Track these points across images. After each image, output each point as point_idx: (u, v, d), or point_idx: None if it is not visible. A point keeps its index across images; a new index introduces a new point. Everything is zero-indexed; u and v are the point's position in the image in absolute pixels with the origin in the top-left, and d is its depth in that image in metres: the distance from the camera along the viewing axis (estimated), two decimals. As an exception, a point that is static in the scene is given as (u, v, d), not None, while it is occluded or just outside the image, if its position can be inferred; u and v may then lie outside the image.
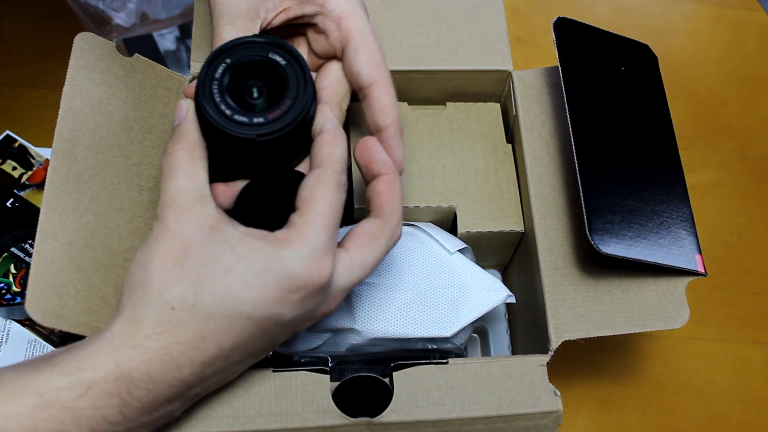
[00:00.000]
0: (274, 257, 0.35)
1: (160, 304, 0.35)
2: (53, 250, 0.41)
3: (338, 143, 0.40)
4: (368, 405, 0.43)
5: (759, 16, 0.84)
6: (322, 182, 0.38)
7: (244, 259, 0.35)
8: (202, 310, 0.35)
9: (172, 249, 0.36)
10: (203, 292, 0.35)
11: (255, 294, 0.35)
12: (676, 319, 0.47)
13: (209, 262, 0.35)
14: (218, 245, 0.36)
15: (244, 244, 0.36)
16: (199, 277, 0.35)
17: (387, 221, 0.40)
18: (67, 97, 0.45)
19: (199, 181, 0.38)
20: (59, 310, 0.40)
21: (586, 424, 0.60)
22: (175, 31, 0.73)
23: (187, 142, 0.39)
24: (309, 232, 0.36)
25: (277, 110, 0.39)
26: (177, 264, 0.35)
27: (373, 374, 0.44)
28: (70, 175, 0.43)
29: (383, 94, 0.44)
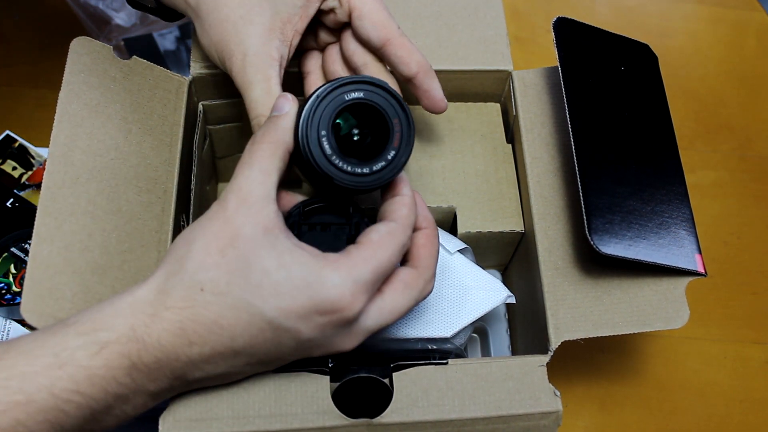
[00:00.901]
0: (316, 274, 0.36)
1: (192, 282, 0.36)
2: (49, 254, 0.41)
3: (413, 210, 0.41)
4: (368, 406, 0.43)
5: (759, 16, 0.84)
6: (393, 236, 0.39)
7: (285, 267, 0.36)
8: (228, 300, 0.35)
9: (220, 235, 0.36)
10: (236, 284, 0.35)
11: (283, 303, 0.35)
12: (676, 319, 0.47)
13: (251, 259, 0.36)
14: (266, 247, 0.36)
15: (291, 254, 0.36)
16: (236, 269, 0.36)
17: (422, 273, 0.40)
18: (63, 102, 0.45)
19: (270, 180, 0.38)
20: (55, 313, 0.40)
21: (586, 424, 0.60)
22: (175, 31, 0.73)
23: (276, 140, 0.39)
24: (360, 266, 0.37)
25: (378, 163, 0.40)
26: (220, 251, 0.36)
27: (372, 375, 0.44)
28: (67, 178, 0.43)
29: (398, 49, 0.46)
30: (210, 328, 0.36)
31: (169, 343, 0.35)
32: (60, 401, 0.34)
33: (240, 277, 0.36)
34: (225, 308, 0.35)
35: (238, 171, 0.38)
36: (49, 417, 0.34)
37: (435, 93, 0.47)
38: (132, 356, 0.35)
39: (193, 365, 0.37)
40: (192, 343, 0.36)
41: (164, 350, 0.35)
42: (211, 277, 0.36)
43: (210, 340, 0.36)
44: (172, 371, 0.37)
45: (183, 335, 0.35)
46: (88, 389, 0.34)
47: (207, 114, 0.55)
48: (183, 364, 0.36)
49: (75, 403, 0.34)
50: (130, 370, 0.35)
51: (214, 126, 0.57)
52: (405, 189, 0.41)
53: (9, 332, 0.58)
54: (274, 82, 0.44)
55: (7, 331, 0.59)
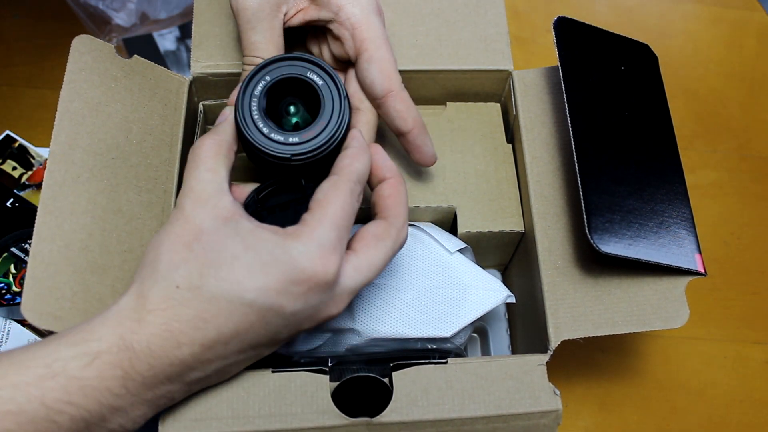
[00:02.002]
0: (281, 248, 0.36)
1: (167, 282, 0.36)
2: (49, 253, 0.41)
3: (359, 158, 0.41)
4: (368, 405, 0.43)
5: (759, 16, 0.84)
6: (337, 187, 0.39)
7: (251, 248, 0.36)
8: (205, 292, 0.36)
9: (183, 233, 0.37)
10: (208, 275, 0.36)
11: (258, 282, 0.36)
12: (675, 318, 0.47)
13: (218, 249, 0.36)
14: (229, 234, 0.37)
15: (254, 235, 0.37)
16: (206, 261, 0.36)
17: (392, 222, 0.41)
18: (65, 100, 0.45)
19: (219, 176, 0.39)
20: (55, 312, 0.40)
21: (586, 424, 0.60)
22: (175, 31, 0.73)
23: (216, 139, 0.41)
24: (318, 228, 0.37)
25: (312, 131, 0.42)
26: (187, 247, 0.36)
27: (372, 374, 0.44)
28: (68, 177, 0.43)
29: (398, 102, 0.46)
30: (194, 324, 0.36)
31: (159, 348, 0.35)
32: (52, 412, 0.34)
33: (211, 268, 0.36)
34: (204, 301, 0.36)
35: (186, 175, 0.39)
36: (41, 428, 0.33)
37: (427, 150, 0.48)
38: (124, 366, 0.35)
39: (188, 367, 0.37)
40: (181, 343, 0.36)
41: (155, 356, 0.35)
42: (184, 273, 0.36)
43: (197, 337, 0.36)
44: (168, 377, 0.36)
45: (171, 337, 0.35)
46: (81, 400, 0.34)
47: (207, 114, 0.55)
48: (177, 368, 0.36)
49: (68, 414, 0.34)
50: (124, 380, 0.35)
51: (214, 126, 0.57)
52: (352, 142, 0.42)
53: (9, 332, 0.58)
54: (277, 33, 0.46)
55: (7, 331, 0.59)
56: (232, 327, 0.36)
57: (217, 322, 0.36)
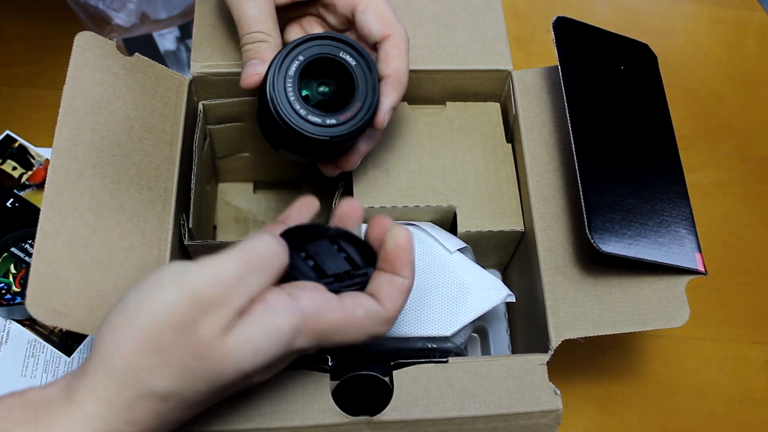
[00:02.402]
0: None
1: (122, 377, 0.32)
2: (54, 249, 0.41)
3: None
4: (368, 403, 0.43)
5: (759, 16, 0.84)
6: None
7: None
8: None
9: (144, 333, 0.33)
10: None
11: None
12: (676, 318, 0.47)
13: None
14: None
15: None
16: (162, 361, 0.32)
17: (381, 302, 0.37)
18: (68, 96, 0.45)
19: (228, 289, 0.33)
20: (59, 308, 0.40)
21: (586, 424, 0.60)
22: (175, 31, 0.73)
23: (249, 251, 0.34)
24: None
25: (348, 112, 0.43)
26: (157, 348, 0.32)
27: (373, 373, 0.44)
28: (71, 173, 0.43)
29: (392, 47, 0.45)
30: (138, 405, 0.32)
31: None
32: None
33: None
34: None
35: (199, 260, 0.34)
36: None
37: (383, 102, 0.45)
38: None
39: None
40: None
41: None
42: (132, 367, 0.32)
43: None
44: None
45: None
46: None
47: (207, 114, 0.55)
48: None
49: None
50: None
51: (214, 126, 0.57)
52: None
53: (9, 332, 0.58)
54: (272, 6, 0.46)
55: (7, 331, 0.59)
56: None
57: None
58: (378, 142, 0.50)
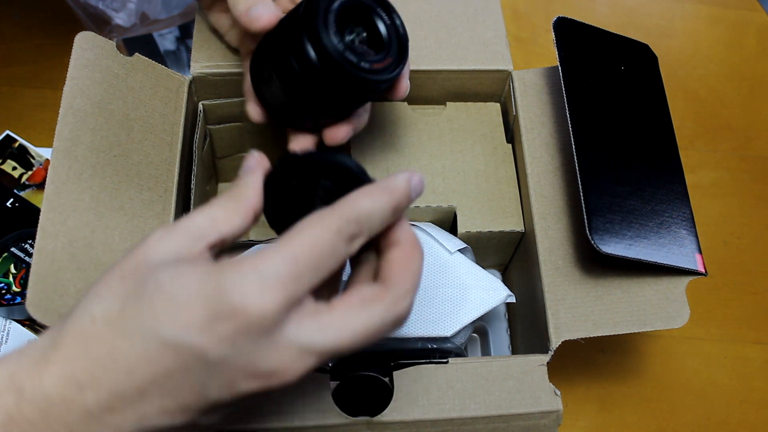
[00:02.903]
0: (213, 278, 0.30)
1: (84, 316, 0.30)
2: (54, 249, 0.41)
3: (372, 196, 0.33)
4: (368, 404, 0.43)
5: (759, 16, 0.84)
6: (320, 219, 0.32)
7: (181, 278, 0.30)
8: (121, 326, 0.29)
9: (127, 264, 0.31)
10: (129, 307, 0.30)
11: (176, 316, 0.29)
12: (676, 318, 0.47)
13: (147, 279, 0.30)
14: (167, 265, 0.31)
15: (192, 266, 0.31)
16: (131, 291, 0.30)
17: (391, 288, 0.33)
18: (68, 96, 0.45)
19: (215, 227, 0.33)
20: (60, 309, 0.40)
21: (586, 424, 0.60)
22: (175, 31, 0.73)
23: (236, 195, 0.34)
24: (269, 259, 0.30)
25: (383, 62, 0.42)
26: (120, 279, 0.31)
27: (373, 373, 0.44)
28: (71, 174, 0.43)
29: None
30: (102, 363, 0.29)
31: (56, 390, 0.29)
32: None
33: (133, 298, 0.30)
34: (118, 336, 0.29)
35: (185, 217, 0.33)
36: None
37: None
38: (9, 409, 0.29)
39: (92, 418, 0.29)
40: (83, 386, 0.29)
41: (49, 399, 0.29)
42: (105, 306, 0.30)
43: (104, 380, 0.29)
44: (68, 428, 0.29)
45: (72, 378, 0.29)
46: None
47: (207, 114, 0.55)
48: (78, 417, 0.29)
49: None
50: (7, 426, 0.29)
51: (214, 126, 0.57)
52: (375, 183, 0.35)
53: (9, 332, 0.58)
54: None
55: (7, 331, 0.59)
56: (147, 370, 0.29)
57: (127, 363, 0.29)
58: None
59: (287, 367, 0.30)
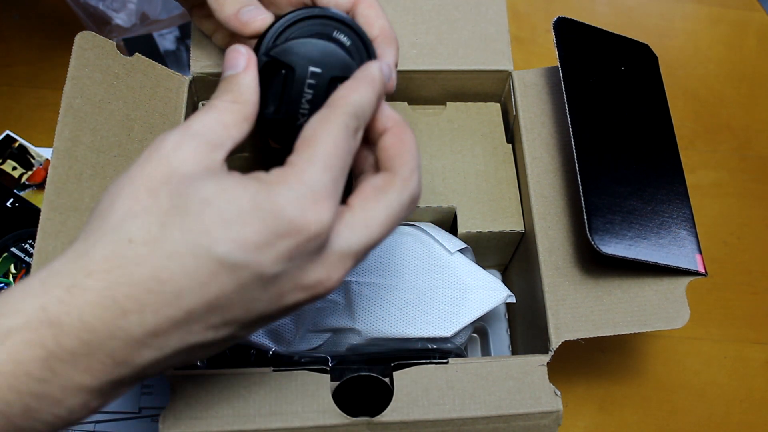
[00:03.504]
0: (264, 194, 0.29)
1: (117, 235, 0.29)
2: (54, 250, 0.41)
3: (359, 89, 0.34)
4: (368, 404, 0.43)
5: (759, 16, 0.84)
6: (328, 121, 0.32)
7: (228, 193, 0.29)
8: (166, 246, 0.28)
9: (153, 176, 0.30)
10: (171, 225, 0.28)
11: (233, 233, 0.28)
12: (676, 319, 0.47)
13: (188, 193, 0.29)
14: (204, 178, 0.30)
15: (234, 180, 0.30)
16: (171, 207, 0.29)
17: (397, 171, 0.34)
18: (68, 96, 0.45)
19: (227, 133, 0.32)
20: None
21: (586, 424, 0.60)
22: (175, 31, 0.73)
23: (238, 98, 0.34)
24: (307, 170, 0.30)
25: None
26: (151, 193, 0.29)
27: (373, 374, 0.44)
28: (71, 174, 0.43)
29: (366, 8, 0.41)
30: (147, 286, 0.28)
31: (96, 318, 0.28)
32: None
33: (176, 215, 0.29)
34: (162, 257, 0.28)
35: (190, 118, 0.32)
36: None
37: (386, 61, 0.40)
38: (47, 343, 0.27)
39: (137, 342, 0.29)
40: (126, 311, 0.28)
41: (90, 328, 0.28)
42: (141, 224, 0.29)
43: (150, 303, 0.28)
44: (110, 355, 0.28)
45: (113, 304, 0.28)
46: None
47: (207, 113, 0.55)
48: (122, 343, 0.28)
49: None
50: (48, 361, 0.28)
51: (215, 125, 0.57)
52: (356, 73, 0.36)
53: (9, 332, 0.58)
54: None
55: (7, 330, 0.59)
56: (198, 291, 0.29)
57: (177, 283, 0.28)
58: None
59: (331, 275, 0.31)
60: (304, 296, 0.31)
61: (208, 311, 0.29)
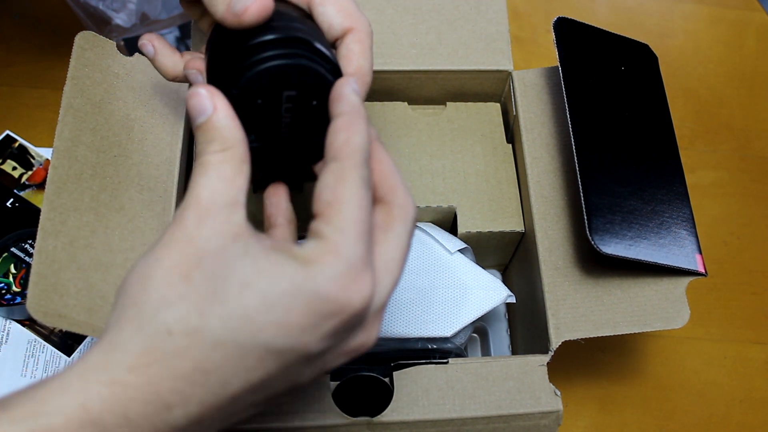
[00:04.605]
0: (304, 274, 0.28)
1: (155, 327, 0.28)
2: (54, 249, 0.41)
3: (356, 129, 0.32)
4: (368, 404, 0.43)
5: (759, 16, 0.84)
6: (344, 180, 0.31)
7: (267, 273, 0.28)
8: (207, 336, 0.28)
9: (182, 259, 0.29)
10: (211, 313, 0.28)
11: (277, 317, 0.28)
12: (676, 319, 0.47)
13: (223, 276, 0.28)
14: (238, 256, 0.29)
15: (268, 259, 0.29)
16: (208, 294, 0.28)
17: (391, 201, 0.33)
18: (68, 96, 0.45)
19: (235, 186, 0.31)
20: (60, 309, 0.40)
21: (586, 424, 0.60)
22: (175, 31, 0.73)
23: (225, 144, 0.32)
24: (342, 244, 0.29)
25: None
26: (185, 278, 0.28)
27: (373, 374, 0.44)
28: (71, 174, 0.43)
29: (354, 42, 0.38)
30: (192, 379, 0.28)
31: (141, 415, 0.27)
32: None
33: (215, 302, 0.28)
34: (205, 348, 0.28)
35: (191, 185, 0.31)
36: None
37: None
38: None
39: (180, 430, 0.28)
40: (171, 405, 0.27)
41: (134, 424, 0.27)
42: (178, 315, 0.28)
43: (195, 395, 0.28)
44: None
45: (157, 399, 0.27)
46: None
47: (207, 113, 0.55)
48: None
49: None
50: None
51: (215, 125, 0.57)
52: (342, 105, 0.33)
53: (9, 332, 0.58)
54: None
55: (7, 331, 0.59)
56: (243, 378, 0.28)
57: (223, 374, 0.28)
58: None
59: (371, 334, 0.32)
60: (346, 359, 0.32)
61: (252, 393, 0.29)
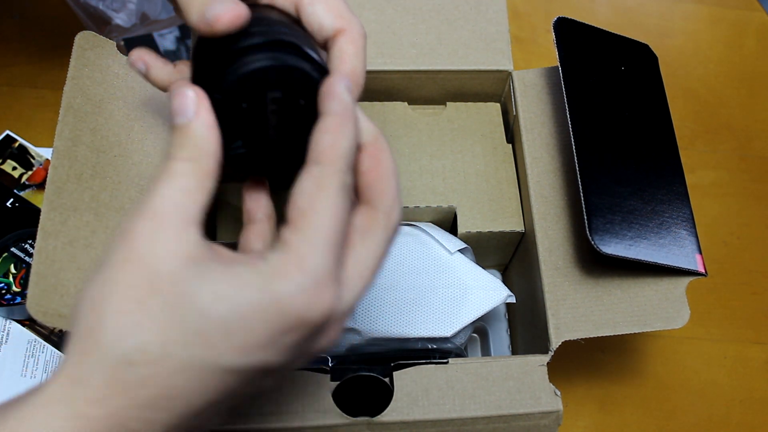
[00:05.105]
0: (266, 293, 0.28)
1: (115, 358, 0.27)
2: (54, 249, 0.41)
3: (343, 132, 0.30)
4: (368, 404, 0.43)
5: (759, 16, 0.84)
6: (323, 187, 0.29)
7: (226, 299, 0.27)
8: (169, 364, 0.27)
9: (135, 282, 0.27)
10: (172, 342, 0.27)
11: (238, 340, 0.27)
12: (676, 319, 0.47)
13: (181, 304, 0.27)
14: (193, 281, 0.28)
15: (228, 280, 0.28)
16: (166, 321, 0.27)
17: (378, 206, 0.32)
18: (68, 96, 0.45)
19: (195, 202, 0.29)
20: (60, 309, 0.40)
21: (586, 424, 0.60)
22: (175, 31, 0.73)
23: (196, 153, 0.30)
24: (309, 257, 0.28)
25: None
26: (140, 304, 0.27)
27: (373, 374, 0.44)
28: (71, 173, 0.43)
29: (347, 43, 0.36)
30: (157, 405, 0.27)
31: None
32: None
33: (174, 331, 0.27)
34: (167, 376, 0.27)
35: (148, 192, 0.29)
36: None
37: None
38: None
39: None
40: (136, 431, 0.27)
41: None
42: (137, 344, 0.27)
43: (160, 419, 0.27)
44: None
45: (122, 429, 0.27)
46: None
47: (207, 113, 0.55)
48: None
49: None
50: None
51: (215, 125, 0.57)
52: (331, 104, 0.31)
53: (9, 332, 0.58)
54: None
55: (7, 331, 0.59)
56: (206, 398, 0.28)
57: (186, 397, 0.28)
58: None
59: (334, 337, 0.31)
60: (307, 361, 0.31)
61: (216, 405, 0.29)
